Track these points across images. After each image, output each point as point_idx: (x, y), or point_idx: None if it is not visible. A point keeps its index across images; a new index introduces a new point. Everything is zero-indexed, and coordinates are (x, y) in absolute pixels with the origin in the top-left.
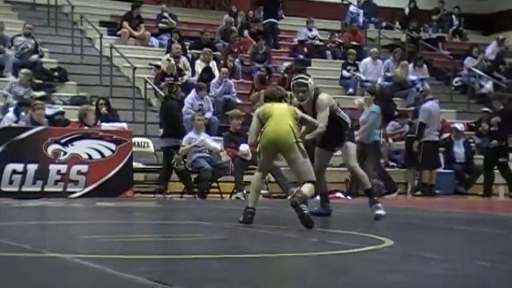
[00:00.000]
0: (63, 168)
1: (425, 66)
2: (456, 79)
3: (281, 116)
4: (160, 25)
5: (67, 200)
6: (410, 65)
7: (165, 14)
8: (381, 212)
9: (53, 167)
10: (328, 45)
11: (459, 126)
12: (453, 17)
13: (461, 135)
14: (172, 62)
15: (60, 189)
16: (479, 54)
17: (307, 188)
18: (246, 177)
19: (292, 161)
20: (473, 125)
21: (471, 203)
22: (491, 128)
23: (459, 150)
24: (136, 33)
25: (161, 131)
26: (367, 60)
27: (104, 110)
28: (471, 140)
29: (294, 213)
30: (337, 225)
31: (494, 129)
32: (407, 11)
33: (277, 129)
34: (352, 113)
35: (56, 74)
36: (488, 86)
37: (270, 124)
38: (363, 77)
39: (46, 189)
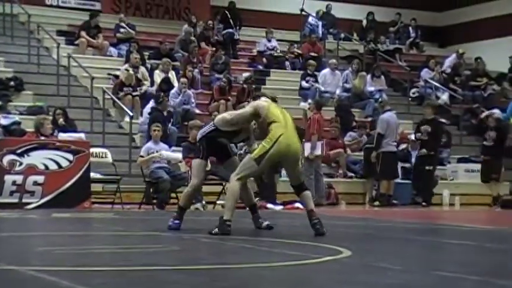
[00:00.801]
0: (18, 178)
1: (383, 77)
2: (413, 90)
3: (291, 127)
4: (119, 35)
5: (23, 211)
6: (368, 76)
7: (123, 24)
8: (267, 222)
9: (8, 178)
10: (287, 56)
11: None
12: (410, 29)
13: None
14: (131, 72)
15: (16, 200)
16: (437, 66)
17: (311, 200)
18: (204, 188)
19: (292, 167)
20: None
21: (428, 213)
22: (421, 137)
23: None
24: (94, 43)
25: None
26: (326, 71)
27: (61, 120)
28: None
29: (252, 223)
30: (296, 236)
31: (423, 138)
32: (365, 22)
33: (290, 144)
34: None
35: (12, 83)
36: (445, 97)
37: (283, 135)
38: (322, 88)
39: (1, 200)
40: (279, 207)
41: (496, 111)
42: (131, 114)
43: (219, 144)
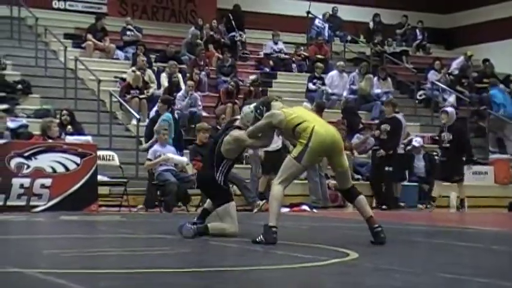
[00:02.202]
0: (26, 181)
1: (389, 79)
2: (420, 92)
3: (318, 118)
4: (125, 38)
5: (30, 214)
6: (375, 79)
7: (130, 27)
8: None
9: (15, 181)
10: (293, 59)
11: (416, 142)
12: (417, 31)
13: (421, 150)
14: (138, 73)
15: (24, 203)
16: (444, 68)
17: (367, 206)
18: None
19: (341, 163)
20: (437, 138)
21: (435, 215)
22: (381, 136)
23: (419, 163)
24: (101, 46)
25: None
26: (334, 73)
27: (69, 127)
28: (435, 153)
29: (259, 226)
30: (303, 238)
31: (383, 137)
32: (371, 25)
33: (327, 130)
34: None
35: (20, 86)
36: (451, 99)
37: (316, 125)
38: (329, 90)
39: (9, 203)
40: (285, 210)
41: (449, 109)
42: (138, 117)
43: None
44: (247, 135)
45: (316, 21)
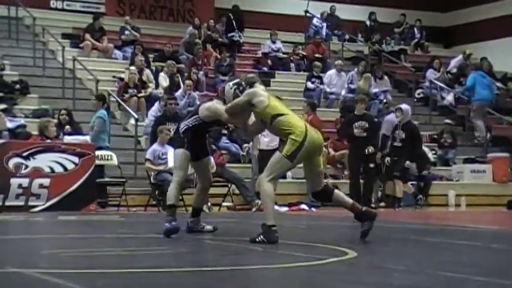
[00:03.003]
0: (24, 181)
1: (386, 78)
2: (418, 91)
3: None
4: (123, 37)
5: (29, 214)
6: (373, 77)
7: (127, 27)
8: (209, 227)
9: (14, 181)
10: (291, 58)
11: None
12: (415, 29)
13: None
14: (133, 70)
15: (22, 203)
16: (442, 67)
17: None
18: (210, 190)
19: (321, 164)
20: (435, 136)
21: (434, 214)
22: (360, 134)
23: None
24: (99, 45)
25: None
26: (332, 72)
27: (67, 127)
28: (433, 152)
29: (258, 225)
30: (301, 237)
31: (362, 135)
32: (368, 23)
33: (316, 130)
34: None
35: (18, 86)
36: (450, 98)
37: (305, 125)
38: (328, 89)
39: (7, 203)
40: (284, 209)
41: (404, 107)
42: (136, 116)
43: (201, 139)
44: (225, 109)
45: (314, 20)
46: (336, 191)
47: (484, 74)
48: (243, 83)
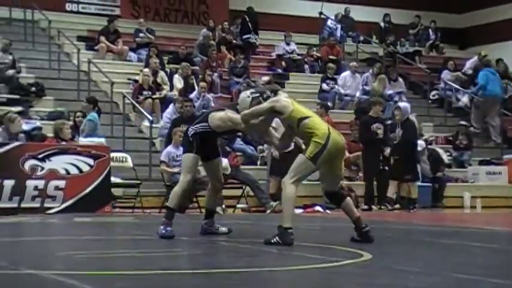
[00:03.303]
0: (40, 183)
1: (401, 79)
2: (433, 93)
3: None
4: (138, 40)
5: (44, 216)
6: (387, 79)
7: (142, 29)
8: (224, 228)
9: (30, 183)
10: (306, 59)
11: (418, 145)
12: (430, 31)
13: (424, 151)
14: (146, 72)
15: (38, 205)
16: (456, 69)
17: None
18: (224, 192)
19: (341, 168)
20: (450, 138)
21: (449, 216)
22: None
23: (424, 166)
24: (114, 48)
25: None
26: (346, 73)
27: (80, 119)
28: (448, 153)
29: (272, 227)
30: (316, 239)
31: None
32: (382, 25)
33: (338, 133)
34: None
35: (33, 89)
36: (465, 99)
37: (330, 128)
38: (342, 91)
39: (23, 205)
40: (298, 211)
41: (402, 105)
42: (151, 118)
43: (211, 141)
44: (242, 117)
45: (329, 22)
46: (348, 199)
47: (494, 70)
48: (267, 91)
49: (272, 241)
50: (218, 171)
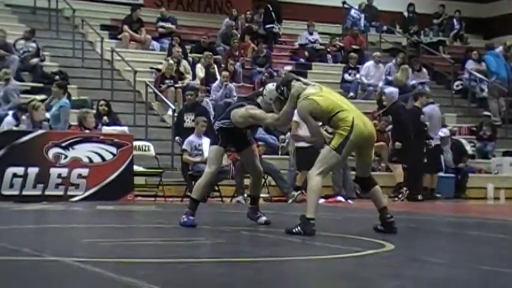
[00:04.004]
0: (63, 171)
1: (424, 70)
2: (457, 83)
3: (354, 107)
4: (160, 30)
5: (68, 204)
6: (410, 69)
7: (164, 18)
8: (264, 218)
9: (53, 171)
10: (328, 49)
11: (442, 133)
12: (454, 20)
13: (448, 141)
14: (171, 62)
15: (61, 193)
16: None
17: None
18: (246, 181)
19: (371, 156)
20: (474, 128)
21: (472, 207)
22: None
23: (447, 155)
24: (137, 37)
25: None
26: (370, 63)
27: (105, 118)
28: (471, 144)
29: (294, 216)
30: (338, 229)
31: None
32: (406, 15)
33: (365, 123)
34: None
35: (57, 77)
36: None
37: (356, 117)
38: (365, 81)
39: (47, 192)
40: (320, 201)
41: (387, 90)
42: (173, 107)
43: (237, 133)
44: (278, 118)
45: (352, 12)
46: (377, 187)
47: (497, 53)
48: (281, 86)
49: (294, 230)
50: (253, 160)
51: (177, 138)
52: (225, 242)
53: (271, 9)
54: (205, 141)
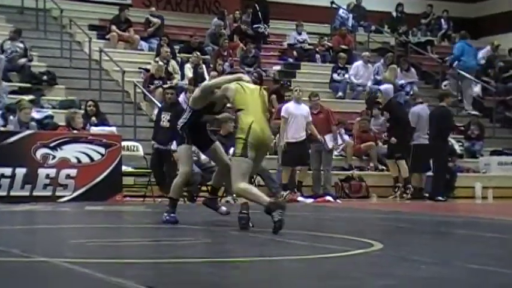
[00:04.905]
0: (52, 172)
1: (412, 69)
2: (445, 82)
3: (261, 112)
4: (149, 30)
5: (56, 204)
6: (399, 69)
7: (151, 14)
8: (224, 208)
9: (41, 171)
10: (317, 49)
11: None
12: (442, 20)
13: None
14: (161, 63)
15: (49, 194)
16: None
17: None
18: None
19: (261, 159)
20: (462, 128)
21: (461, 206)
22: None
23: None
24: (125, 37)
25: None
26: (359, 63)
27: (93, 119)
28: (460, 144)
29: (285, 216)
30: (327, 229)
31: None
32: (395, 14)
33: (263, 129)
34: None
35: (45, 77)
36: (477, 89)
37: (254, 121)
38: (355, 80)
39: (35, 193)
40: (309, 200)
41: (382, 87)
42: None
43: (200, 131)
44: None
45: (340, 11)
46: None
47: (469, 43)
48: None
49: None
50: (220, 156)
51: (153, 142)
52: (212, 241)
53: (258, 9)
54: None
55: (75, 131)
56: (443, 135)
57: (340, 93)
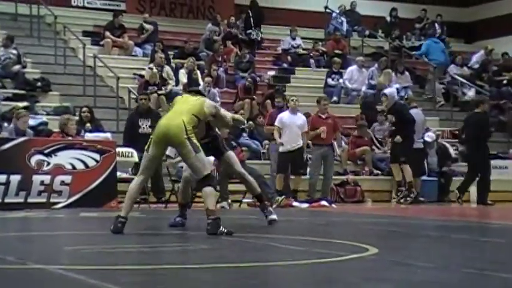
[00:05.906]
0: (46, 178)
1: (407, 73)
2: (470, 93)
3: (179, 110)
4: (143, 36)
5: (51, 211)
6: (393, 73)
7: (145, 21)
8: (273, 216)
9: (36, 178)
10: (311, 54)
11: (428, 137)
12: (436, 25)
13: (434, 145)
14: (155, 70)
15: (44, 200)
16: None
17: (208, 198)
18: (230, 186)
19: (184, 157)
20: (456, 132)
21: (456, 210)
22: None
23: (432, 159)
24: (119, 43)
25: None
26: (353, 68)
27: (88, 125)
28: (454, 148)
29: (280, 221)
30: (322, 234)
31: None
32: (389, 19)
33: (168, 123)
34: None
35: (39, 84)
36: (471, 93)
37: (165, 116)
38: (349, 85)
39: (29, 200)
40: (304, 205)
41: (388, 91)
42: None
43: (210, 145)
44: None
45: (334, 16)
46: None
47: (437, 40)
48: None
49: (110, 228)
50: (232, 166)
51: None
52: (209, 247)
53: (250, 14)
54: None
55: (69, 138)
56: (479, 141)
57: (334, 98)
